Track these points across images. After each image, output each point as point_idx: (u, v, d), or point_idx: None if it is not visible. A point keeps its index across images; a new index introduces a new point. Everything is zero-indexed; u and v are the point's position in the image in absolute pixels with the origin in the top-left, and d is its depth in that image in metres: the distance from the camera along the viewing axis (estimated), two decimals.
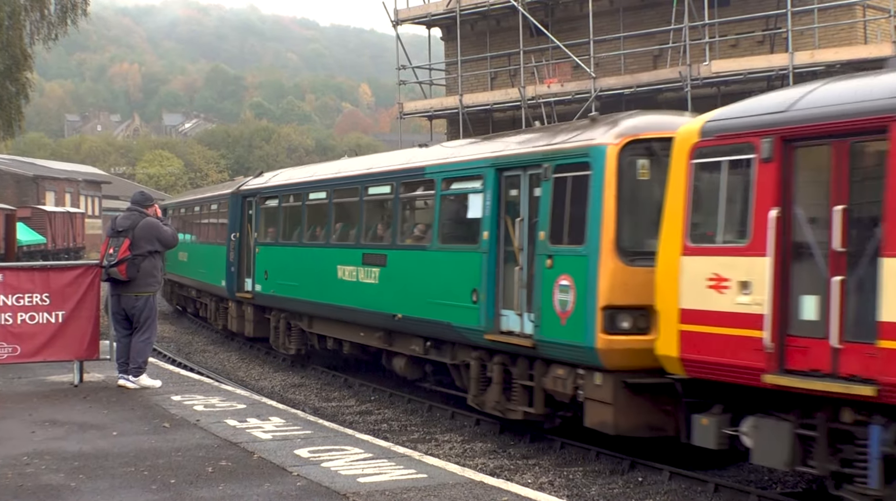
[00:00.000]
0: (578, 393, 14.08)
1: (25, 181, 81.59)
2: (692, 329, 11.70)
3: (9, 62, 42.11)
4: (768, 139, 10.97)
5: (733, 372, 11.18)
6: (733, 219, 11.50)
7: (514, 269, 15.22)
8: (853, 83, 10.96)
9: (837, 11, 29.99)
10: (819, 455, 10.52)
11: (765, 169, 10.97)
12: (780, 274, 10.77)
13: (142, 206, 16.01)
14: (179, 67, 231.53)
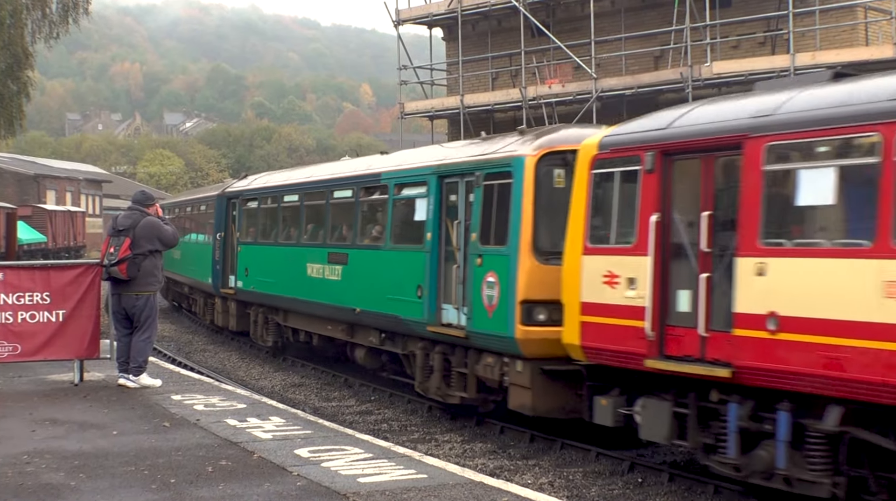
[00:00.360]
0: (504, 379, 15.61)
1: (26, 180, 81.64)
2: (591, 320, 13.34)
3: (10, 61, 42.17)
4: (651, 153, 12.56)
5: (622, 358, 12.82)
6: (623, 222, 13.08)
7: (453, 267, 16.68)
8: (721, 105, 12.69)
9: (839, 13, 29.98)
10: (691, 430, 12.16)
11: (648, 179, 12.55)
12: (659, 272, 12.35)
13: (143, 206, 16.01)
14: (181, 67, 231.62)
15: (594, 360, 13.45)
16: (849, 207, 10.62)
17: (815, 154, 10.89)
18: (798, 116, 10.97)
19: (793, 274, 10.77)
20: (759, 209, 11.13)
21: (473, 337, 16.01)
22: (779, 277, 10.87)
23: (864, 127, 10.23)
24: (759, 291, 11.03)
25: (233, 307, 29.04)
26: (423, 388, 18.01)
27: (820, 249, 10.65)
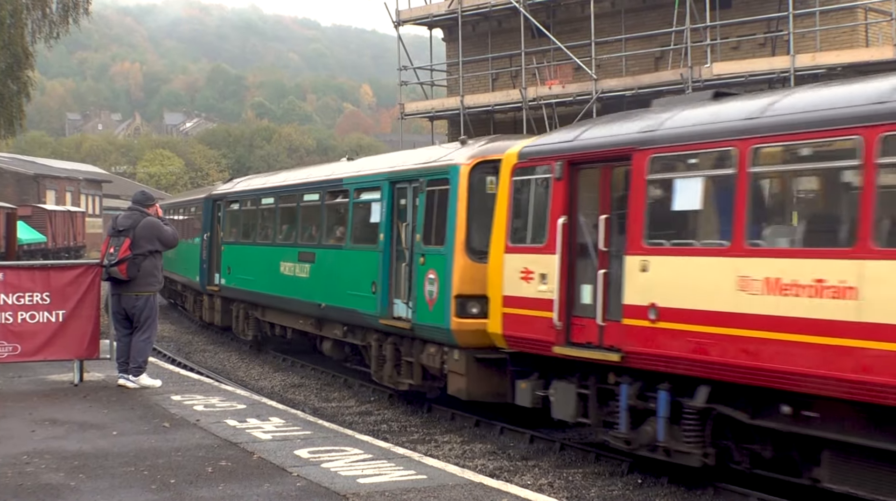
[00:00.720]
0: (444, 367, 17.25)
1: (26, 180, 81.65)
2: (511, 311, 14.97)
3: (10, 60, 42.18)
4: (560, 163, 14.24)
5: (536, 345, 14.47)
6: (537, 224, 14.70)
7: (402, 265, 18.29)
8: (621, 120, 14.36)
9: (839, 14, 29.97)
10: (592, 409, 13.90)
11: (557, 186, 14.22)
12: (566, 268, 14.00)
13: (143, 206, 16.02)
14: (181, 67, 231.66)
15: (514, 348, 15.21)
16: (713, 212, 12.29)
17: (687, 165, 12.79)
18: (675, 132, 12.63)
19: (669, 271, 12.44)
20: (644, 213, 12.79)
21: (418, 329, 17.67)
22: (658, 273, 12.52)
23: (723, 142, 11.89)
24: (642, 285, 12.66)
25: (217, 303, 30.70)
26: (378, 376, 19.83)
27: (690, 248, 12.41)
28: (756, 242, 11.57)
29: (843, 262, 10.48)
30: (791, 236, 11.56)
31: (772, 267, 11.18)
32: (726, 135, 11.88)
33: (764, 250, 11.47)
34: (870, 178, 10.24)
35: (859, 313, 10.30)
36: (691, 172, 12.71)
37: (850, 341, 10.39)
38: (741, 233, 11.52)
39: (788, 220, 12.14)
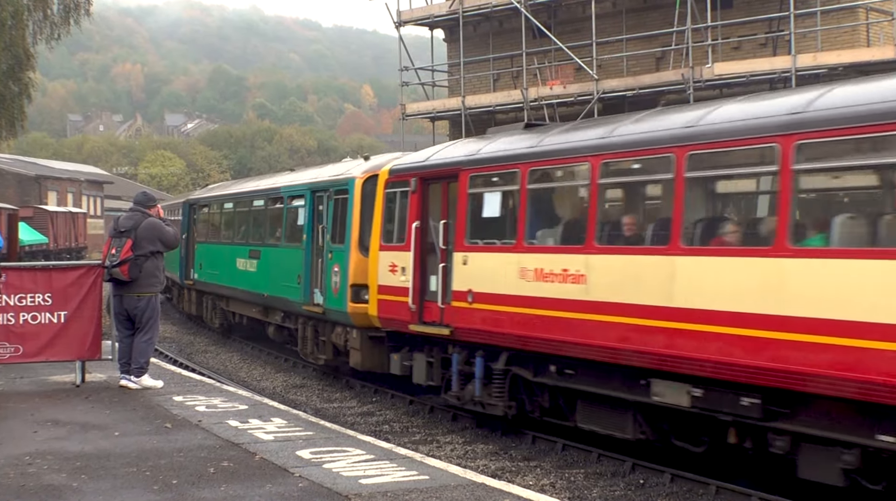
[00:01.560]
0: (347, 344, 21.20)
1: (27, 181, 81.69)
2: (383, 297, 18.53)
3: (11, 62, 42.20)
4: (415, 178, 17.95)
5: (400, 324, 18.12)
6: (400, 227, 18.27)
7: (319, 261, 22.18)
8: (458, 146, 18.24)
9: (840, 14, 29.97)
10: (436, 374, 17.64)
11: (413, 197, 17.88)
12: (419, 262, 17.56)
13: (144, 207, 16.02)
14: (182, 68, 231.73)
15: (387, 327, 18.89)
16: (507, 219, 15.78)
17: (492, 183, 16.34)
18: (486, 156, 16.38)
19: (480, 263, 16.14)
20: (465, 219, 16.46)
21: (328, 313, 21.66)
22: (474, 265, 16.22)
23: (511, 165, 15.68)
24: (463, 275, 16.34)
25: (192, 295, 35.34)
26: (304, 354, 24.07)
27: (493, 246, 16.15)
28: (531, 242, 15.20)
29: (578, 256, 14.08)
30: (553, 237, 15.25)
31: (539, 260, 14.85)
32: (514, 160, 15.64)
33: (535, 247, 15.17)
34: (594, 196, 13.91)
35: (587, 293, 13.85)
36: (494, 188, 16.26)
37: (581, 315, 13.90)
38: (522, 235, 15.28)
39: (552, 225, 15.55)
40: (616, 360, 13.43)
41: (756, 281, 11.44)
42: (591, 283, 13.70)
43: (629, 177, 14.44)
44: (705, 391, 12.32)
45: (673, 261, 12.58)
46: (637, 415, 13.72)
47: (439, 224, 17.18)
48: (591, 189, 13.91)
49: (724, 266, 12.05)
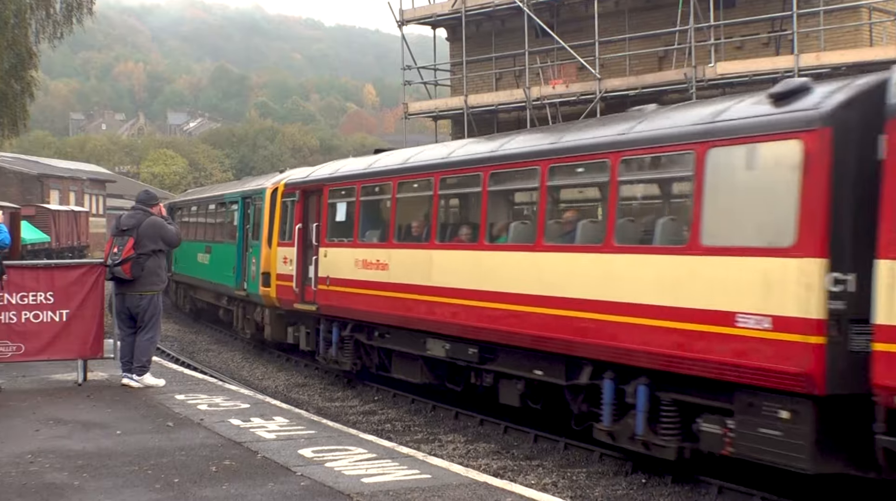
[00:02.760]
0: (262, 321, 26.79)
1: (30, 179, 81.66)
2: (279, 283, 24.02)
3: (14, 60, 42.13)
4: (299, 190, 23.40)
5: (288, 303, 23.49)
6: (290, 228, 23.54)
7: (246, 254, 27.70)
8: (329, 166, 24.10)
9: (843, 14, 29.96)
10: (311, 340, 22.95)
11: (297, 205, 23.27)
12: (301, 255, 22.81)
13: (147, 205, 16.01)
14: (184, 67, 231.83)
15: (282, 306, 24.33)
16: (350, 223, 20.77)
17: (341, 195, 21.35)
18: (339, 176, 21.89)
19: (334, 256, 21.20)
20: (327, 222, 21.62)
21: (250, 296, 27.34)
22: (330, 258, 21.35)
23: (350, 183, 21.13)
24: (324, 265, 21.46)
25: (172, 286, 40.25)
26: (237, 329, 30.23)
27: (342, 243, 21.01)
28: (362, 240, 20.19)
29: (381, 250, 19.32)
30: (374, 236, 19.94)
31: (365, 253, 19.81)
32: (353, 178, 21.00)
33: (364, 244, 20.11)
34: (394, 206, 18.95)
35: (389, 277, 18.85)
36: (343, 199, 21.26)
37: (386, 292, 18.93)
38: (356, 235, 20.39)
39: (374, 228, 20.08)
40: (407, 326, 18.43)
41: (469, 266, 16.51)
42: (391, 270, 18.95)
43: (413, 194, 18.97)
44: (452, 345, 17.19)
45: (430, 254, 17.67)
46: (422, 365, 18.68)
47: (313, 226, 22.31)
48: (392, 201, 19.20)
49: (456, 256, 17.09)
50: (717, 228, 12.12)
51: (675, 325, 12.39)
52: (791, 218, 11.05)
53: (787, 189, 11.13)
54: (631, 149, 13.38)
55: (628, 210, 14.11)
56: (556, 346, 14.45)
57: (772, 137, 11.48)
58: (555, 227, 15.02)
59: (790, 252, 11.00)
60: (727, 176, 12.15)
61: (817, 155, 10.86)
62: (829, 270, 10.67)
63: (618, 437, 13.62)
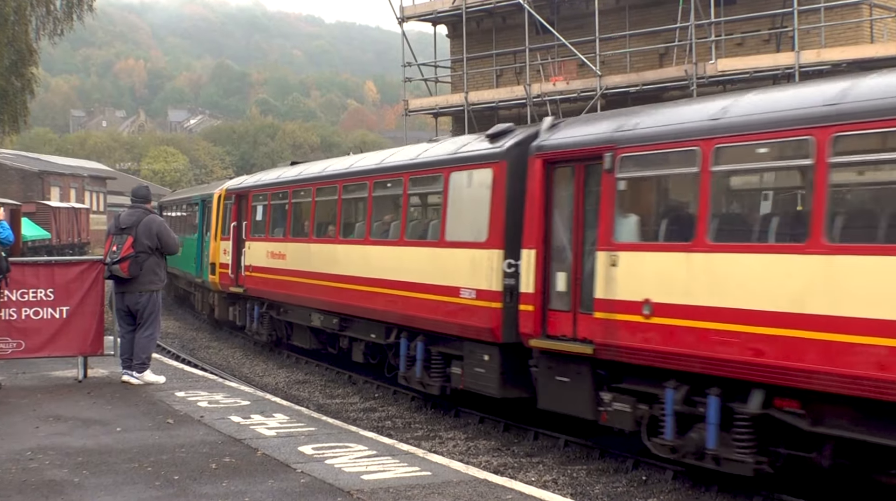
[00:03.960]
0: (214, 303, 32.01)
1: (30, 176, 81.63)
2: (221, 271, 29.57)
3: (14, 57, 42.17)
4: (234, 195, 28.76)
5: (226, 287, 29.08)
6: (227, 226, 29.02)
7: (203, 247, 32.94)
8: (256, 175, 30.69)
9: (844, 10, 29.94)
10: (247, 319, 28.11)
11: (233, 206, 28.61)
12: (235, 248, 27.88)
13: (145, 202, 16.03)
14: (185, 64, 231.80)
15: (224, 290, 29.72)
16: (266, 222, 25.90)
17: (259, 199, 26.88)
18: (258, 184, 27.74)
19: (255, 249, 26.46)
20: (251, 221, 27.08)
21: (204, 282, 32.86)
22: (252, 250, 26.70)
23: (264, 190, 26.73)
24: (249, 256, 26.84)
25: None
26: (198, 310, 36.44)
27: (260, 238, 26.30)
28: (272, 235, 25.51)
29: (282, 244, 24.62)
30: (280, 232, 25.07)
31: (273, 246, 25.20)
32: (265, 187, 26.64)
33: (272, 239, 25.38)
34: (290, 208, 24.83)
35: (286, 265, 24.18)
36: (260, 203, 26.79)
37: (285, 277, 24.07)
38: (268, 231, 25.82)
39: (280, 225, 25.17)
40: (300, 303, 23.83)
41: (330, 256, 21.82)
42: (287, 259, 24.28)
43: (302, 199, 24.12)
44: (324, 317, 22.47)
45: (309, 246, 23.07)
46: (310, 334, 23.93)
47: (243, 224, 27.79)
48: (289, 205, 24.73)
49: (325, 248, 22.19)
50: (454, 228, 16.94)
51: (430, 297, 17.36)
52: (485, 221, 15.94)
53: (484, 202, 15.99)
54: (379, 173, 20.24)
55: (379, 215, 20.25)
56: (378, 316, 19.54)
57: (479, 166, 16.34)
58: (377, 226, 19.94)
59: (484, 245, 15.90)
60: (458, 192, 16.94)
61: (498, 179, 15.70)
62: (504, 258, 15.52)
63: (409, 380, 18.50)
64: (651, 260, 12.86)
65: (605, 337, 13.31)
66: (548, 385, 14.69)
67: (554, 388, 14.57)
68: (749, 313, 11.19)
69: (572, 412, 14.33)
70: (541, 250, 14.71)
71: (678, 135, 12.55)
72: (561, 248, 14.66)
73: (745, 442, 11.66)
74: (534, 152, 14.97)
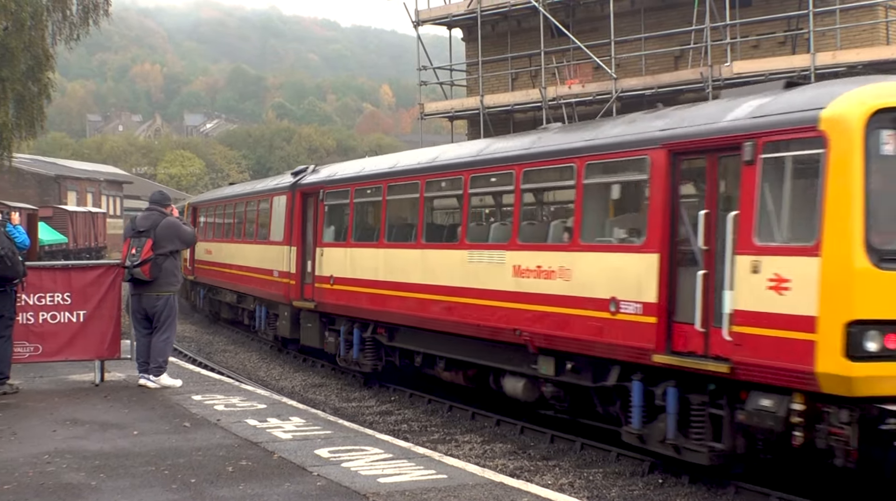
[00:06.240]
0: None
1: (47, 181, 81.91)
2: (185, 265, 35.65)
3: (31, 62, 42.24)
4: (192, 208, 40.87)
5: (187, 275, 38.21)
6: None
7: None
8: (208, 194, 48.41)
9: (859, 12, 29.85)
10: (197, 302, 40.95)
11: (191, 217, 39.58)
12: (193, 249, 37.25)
13: (161, 206, 16.08)
14: (201, 68, 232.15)
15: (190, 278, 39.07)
16: (209, 228, 37.73)
17: (206, 213, 38.88)
18: (206, 200, 41.18)
19: (204, 247, 35.88)
20: (198, 228, 36.64)
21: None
22: (202, 247, 35.62)
23: (208, 204, 39.46)
24: (202, 250, 36.43)
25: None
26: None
27: (211, 240, 35.99)
28: (209, 237, 36.04)
29: (216, 244, 35.20)
30: (220, 236, 34.76)
31: (210, 245, 35.13)
32: (209, 201, 39.12)
33: (210, 239, 35.15)
34: (234, 216, 33.82)
35: (212, 258, 35.48)
36: (208, 217, 37.46)
37: (224, 269, 33.00)
38: (212, 234, 36.14)
39: (216, 232, 35.43)
40: (234, 289, 32.19)
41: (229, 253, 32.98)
42: (212, 254, 34.28)
43: (244, 209, 31.79)
44: (238, 296, 32.33)
45: (242, 246, 30.92)
46: (229, 309, 33.61)
47: (210, 221, 37.12)
48: (233, 214, 32.45)
49: (239, 248, 31.56)
50: (275, 232, 27.44)
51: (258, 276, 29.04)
52: (282, 227, 26.48)
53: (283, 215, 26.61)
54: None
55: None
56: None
57: (280, 194, 26.97)
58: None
59: (282, 243, 25.97)
60: (278, 208, 27.29)
61: (293, 203, 25.45)
62: (291, 249, 25.43)
63: (302, 342, 25.37)
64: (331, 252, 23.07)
65: (320, 298, 23.18)
66: (304, 327, 24.79)
67: (305, 329, 24.74)
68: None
69: (310, 342, 24.65)
70: (299, 246, 24.96)
71: (370, 178, 21.74)
72: (311, 242, 24.19)
73: (369, 351, 21.24)
74: (296, 187, 25.45)
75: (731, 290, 11.58)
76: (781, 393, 11.17)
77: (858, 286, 10.48)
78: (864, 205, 10.60)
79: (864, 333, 10.41)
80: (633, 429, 13.39)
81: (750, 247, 11.38)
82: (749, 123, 11.76)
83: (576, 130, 15.92)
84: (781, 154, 11.32)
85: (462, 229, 17.21)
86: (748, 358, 11.34)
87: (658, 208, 12.82)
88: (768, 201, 11.40)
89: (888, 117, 10.84)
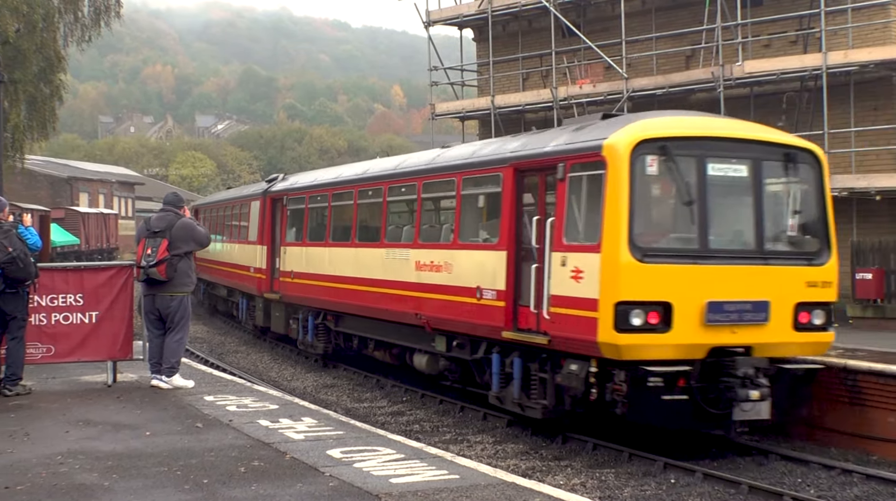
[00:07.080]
0: None
1: (59, 182, 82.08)
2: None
3: (43, 64, 42.43)
4: (196, 209, 42.39)
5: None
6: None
7: None
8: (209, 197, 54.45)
9: (871, 11, 29.76)
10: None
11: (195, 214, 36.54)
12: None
13: (175, 207, 16.09)
14: (212, 69, 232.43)
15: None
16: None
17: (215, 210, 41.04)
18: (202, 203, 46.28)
19: (212, 249, 32.51)
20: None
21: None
22: (214, 250, 34.64)
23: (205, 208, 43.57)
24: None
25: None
26: None
27: (212, 240, 27.30)
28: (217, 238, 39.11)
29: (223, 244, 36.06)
30: (215, 236, 34.93)
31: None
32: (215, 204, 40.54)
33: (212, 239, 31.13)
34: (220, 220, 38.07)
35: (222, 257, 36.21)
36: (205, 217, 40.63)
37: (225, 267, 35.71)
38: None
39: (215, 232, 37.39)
40: (225, 284, 34.49)
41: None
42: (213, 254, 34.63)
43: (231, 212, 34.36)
44: (228, 291, 36.03)
45: (230, 246, 33.10)
46: (223, 302, 36.71)
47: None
48: (224, 216, 33.23)
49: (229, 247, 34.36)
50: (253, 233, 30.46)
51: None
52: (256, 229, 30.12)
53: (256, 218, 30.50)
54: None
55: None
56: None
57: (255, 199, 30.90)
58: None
59: (256, 242, 29.74)
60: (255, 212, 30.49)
61: (264, 207, 28.95)
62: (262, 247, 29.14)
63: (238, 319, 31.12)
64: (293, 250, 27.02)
65: (284, 290, 27.47)
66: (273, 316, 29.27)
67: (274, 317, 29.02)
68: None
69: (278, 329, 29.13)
70: (269, 245, 28.86)
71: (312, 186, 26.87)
72: (278, 242, 28.19)
73: (321, 336, 25.52)
74: (267, 194, 29.33)
75: (549, 279, 15.17)
76: (583, 360, 14.57)
77: (624, 275, 13.94)
78: (629, 213, 14.03)
79: (630, 311, 13.83)
80: (494, 393, 17.03)
81: (561, 245, 15.03)
82: (562, 149, 15.52)
83: (461, 148, 20.33)
84: (580, 173, 14.96)
85: (382, 231, 21.39)
86: (560, 332, 14.85)
87: (507, 214, 16.58)
88: (573, 210, 15.06)
89: (652, 146, 14.38)
